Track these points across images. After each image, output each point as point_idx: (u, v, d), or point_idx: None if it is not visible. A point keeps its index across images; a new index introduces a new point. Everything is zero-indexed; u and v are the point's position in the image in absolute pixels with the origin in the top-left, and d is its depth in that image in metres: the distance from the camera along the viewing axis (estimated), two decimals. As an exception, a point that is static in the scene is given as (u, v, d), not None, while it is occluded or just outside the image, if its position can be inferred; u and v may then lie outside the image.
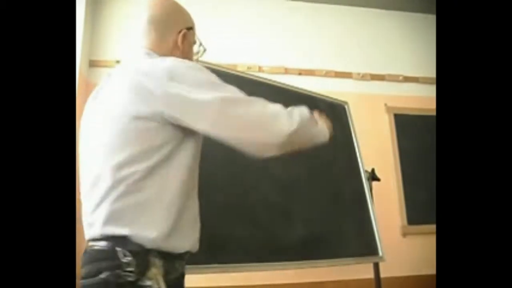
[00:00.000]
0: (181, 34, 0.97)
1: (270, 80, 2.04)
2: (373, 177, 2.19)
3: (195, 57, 1.05)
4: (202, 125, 0.81)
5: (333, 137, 2.29)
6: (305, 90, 2.16)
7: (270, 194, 1.72)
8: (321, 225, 1.84)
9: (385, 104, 2.84)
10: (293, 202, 1.78)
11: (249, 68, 2.66)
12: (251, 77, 1.95)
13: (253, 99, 0.86)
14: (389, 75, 2.93)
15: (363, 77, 2.89)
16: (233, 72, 1.82)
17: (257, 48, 2.79)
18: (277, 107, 0.87)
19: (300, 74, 2.78)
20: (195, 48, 1.04)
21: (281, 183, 1.78)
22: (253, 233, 1.57)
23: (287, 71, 2.76)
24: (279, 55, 2.80)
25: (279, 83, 2.06)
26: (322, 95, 2.24)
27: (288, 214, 1.74)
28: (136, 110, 0.79)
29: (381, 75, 2.92)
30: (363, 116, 2.65)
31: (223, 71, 1.74)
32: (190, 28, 1.00)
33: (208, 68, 1.76)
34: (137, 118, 0.79)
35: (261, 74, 2.43)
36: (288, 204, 1.76)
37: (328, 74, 2.84)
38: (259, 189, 1.69)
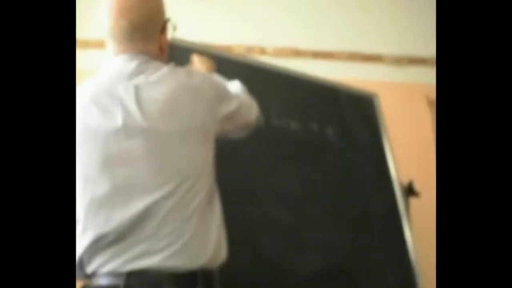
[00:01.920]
0: (163, 35, 1.18)
1: (275, 65, 2.06)
2: (410, 191, 2.20)
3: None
4: None
5: (358, 140, 2.31)
6: (322, 79, 2.18)
7: (275, 212, 1.74)
8: (342, 255, 1.85)
9: (427, 97, 2.86)
10: (305, 224, 1.80)
11: (248, 50, 2.69)
12: (251, 61, 1.98)
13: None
14: (433, 58, 2.93)
15: (398, 61, 2.91)
16: (227, 55, 1.84)
17: (258, 25, 2.81)
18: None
19: (315, 57, 2.80)
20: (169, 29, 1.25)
21: (289, 199, 1.80)
22: (254, 263, 1.60)
23: (298, 53, 2.77)
24: (287, 33, 2.82)
25: (288, 69, 2.09)
26: (344, 85, 2.26)
27: (299, 239, 1.76)
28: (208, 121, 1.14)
29: (421, 59, 2.93)
30: (397, 112, 2.66)
31: (216, 55, 1.76)
32: (168, 19, 1.21)
33: (196, 50, 1.80)
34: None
35: (264, 58, 2.45)
36: (298, 226, 1.78)
37: (351, 57, 2.85)
38: (260, 206, 1.71)
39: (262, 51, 2.72)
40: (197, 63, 1.55)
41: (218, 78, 1.37)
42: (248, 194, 1.69)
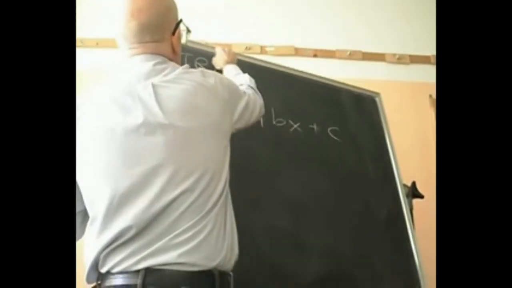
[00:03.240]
0: (175, 36, 1.22)
1: (275, 64, 2.06)
2: (414, 193, 2.19)
3: (182, 41, 1.30)
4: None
5: (359, 140, 2.29)
6: (323, 78, 2.18)
7: (278, 217, 1.73)
8: (345, 259, 1.84)
9: (430, 96, 2.85)
10: (308, 229, 1.79)
11: (248, 48, 2.69)
12: (251, 60, 1.97)
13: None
14: (435, 56, 2.94)
15: (400, 59, 2.90)
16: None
17: (258, 23, 2.80)
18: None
19: (315, 56, 2.80)
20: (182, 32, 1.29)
21: (291, 203, 1.79)
22: (256, 269, 1.58)
23: (298, 52, 2.78)
24: (288, 32, 2.82)
25: (288, 68, 2.09)
26: (346, 84, 2.26)
27: (302, 244, 1.75)
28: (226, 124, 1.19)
29: (424, 57, 2.93)
30: (400, 112, 2.66)
31: (213, 53, 1.76)
32: (180, 21, 1.25)
33: (194, 48, 1.78)
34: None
35: (264, 57, 2.45)
36: (301, 231, 1.77)
37: (353, 55, 2.85)
38: (263, 212, 1.70)
39: (263, 49, 2.72)
40: (220, 54, 1.68)
41: (228, 76, 1.46)
42: (249, 197, 1.67)
